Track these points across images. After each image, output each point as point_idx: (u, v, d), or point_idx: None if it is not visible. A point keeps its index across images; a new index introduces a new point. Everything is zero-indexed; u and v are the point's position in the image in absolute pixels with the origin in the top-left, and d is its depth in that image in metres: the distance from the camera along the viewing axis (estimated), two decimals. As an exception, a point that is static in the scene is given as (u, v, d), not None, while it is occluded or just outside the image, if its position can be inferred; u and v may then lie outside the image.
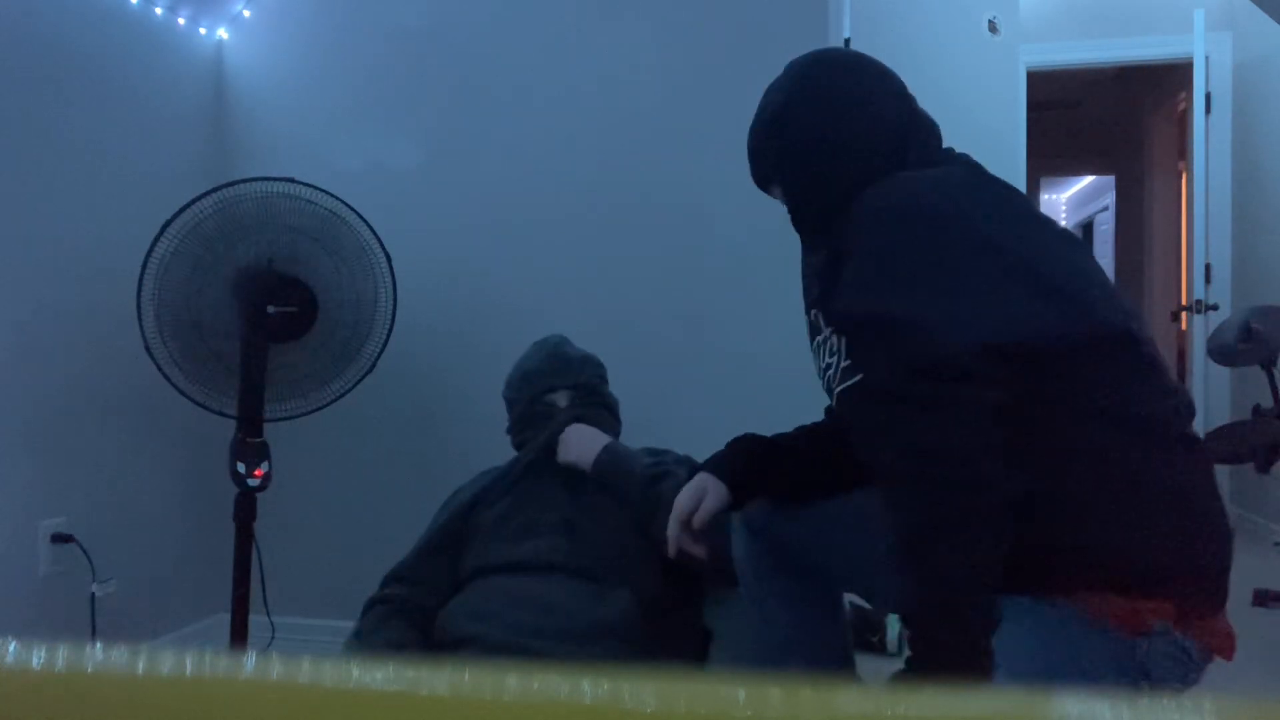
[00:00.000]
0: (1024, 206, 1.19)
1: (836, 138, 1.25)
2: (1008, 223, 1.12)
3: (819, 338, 1.32)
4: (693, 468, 1.45)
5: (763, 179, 1.36)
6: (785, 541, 1.39)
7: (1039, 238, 1.13)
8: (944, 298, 1.05)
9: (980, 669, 0.97)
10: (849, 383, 1.20)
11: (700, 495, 1.36)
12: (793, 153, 1.28)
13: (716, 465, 1.40)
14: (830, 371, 1.27)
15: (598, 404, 1.87)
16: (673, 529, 1.37)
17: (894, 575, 1.02)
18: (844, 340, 1.22)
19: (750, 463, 1.39)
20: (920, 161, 1.24)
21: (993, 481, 0.98)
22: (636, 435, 1.95)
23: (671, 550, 1.38)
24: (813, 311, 1.31)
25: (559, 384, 1.86)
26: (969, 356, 1.00)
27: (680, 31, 2.36)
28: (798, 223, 1.33)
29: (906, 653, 1.04)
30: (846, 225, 1.16)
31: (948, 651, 0.98)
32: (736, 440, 1.44)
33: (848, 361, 1.21)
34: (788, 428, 1.46)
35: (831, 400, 1.29)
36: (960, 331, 1.02)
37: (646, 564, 1.65)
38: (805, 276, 1.39)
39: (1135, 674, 1.06)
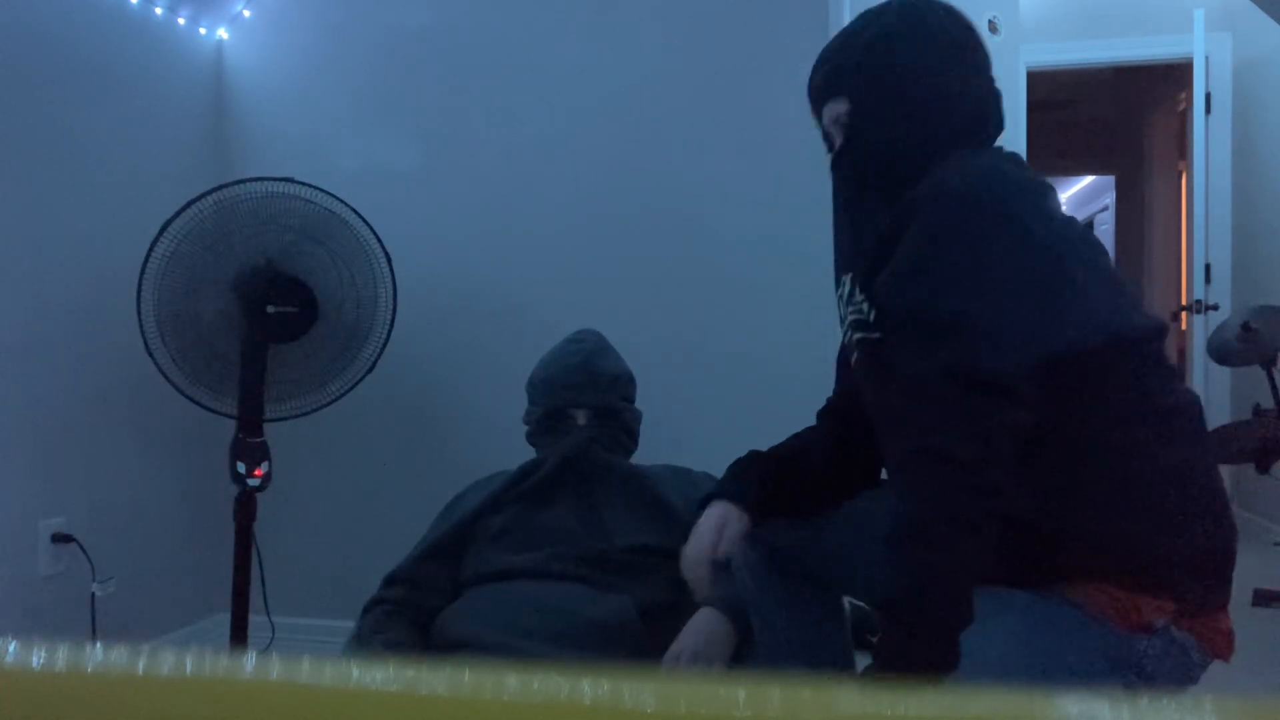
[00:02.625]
0: (1059, 207, 1.20)
1: (942, 81, 1.20)
2: (1059, 227, 1.12)
3: (842, 290, 1.30)
4: (704, 498, 1.37)
5: (831, 86, 1.25)
6: (783, 545, 1.38)
7: (1079, 242, 1.13)
8: (1003, 306, 1.04)
9: (945, 665, 0.99)
10: (864, 335, 1.21)
11: (721, 525, 1.30)
12: (889, 72, 1.20)
13: (733, 491, 1.33)
14: (845, 326, 1.27)
15: (616, 426, 1.86)
16: (698, 568, 1.28)
17: (882, 561, 1.04)
18: (873, 311, 1.19)
19: (764, 483, 1.35)
20: (993, 140, 1.24)
21: (998, 493, 1.00)
22: (640, 439, 1.95)
23: (702, 593, 1.30)
24: (846, 275, 1.26)
25: (581, 401, 1.84)
26: (1014, 376, 1.01)
27: (681, 31, 2.36)
28: (853, 160, 1.25)
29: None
30: (912, 195, 1.12)
31: (917, 644, 1.00)
32: (745, 462, 1.38)
33: (876, 333, 1.20)
34: (795, 429, 1.45)
35: (851, 347, 1.29)
36: (1012, 346, 1.02)
37: (652, 574, 1.65)
38: (837, 216, 1.34)
39: (1132, 672, 1.07)
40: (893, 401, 1.10)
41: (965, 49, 1.24)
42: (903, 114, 1.20)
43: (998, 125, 1.26)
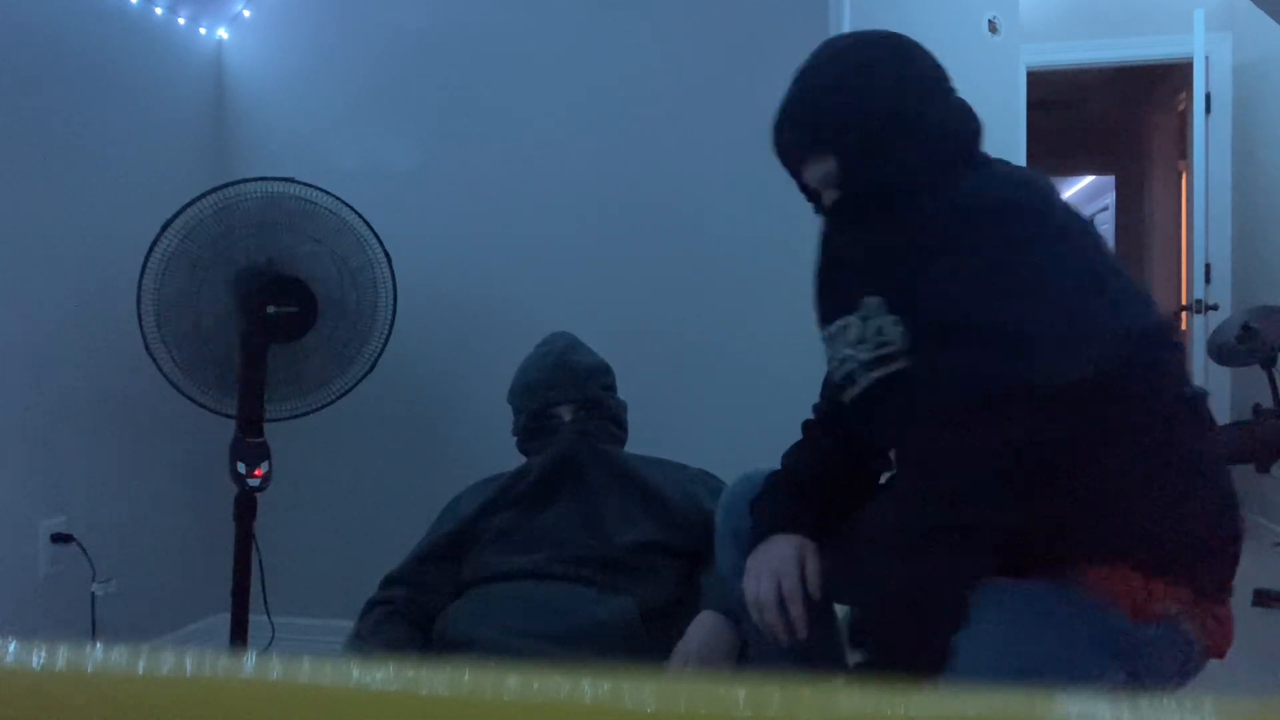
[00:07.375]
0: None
1: (922, 111, 1.19)
2: (1086, 231, 1.12)
3: (839, 323, 1.26)
4: (756, 535, 1.29)
5: (810, 147, 1.24)
6: None
7: (1102, 245, 1.14)
8: (1052, 315, 1.03)
9: (931, 664, 1.00)
10: (884, 371, 1.18)
11: (801, 560, 1.23)
12: (869, 121, 1.19)
13: (793, 522, 1.26)
14: (851, 364, 1.23)
15: (602, 416, 1.86)
16: (794, 607, 1.21)
17: (875, 559, 1.04)
18: (899, 326, 1.16)
19: (811, 508, 1.30)
20: (985, 157, 1.23)
21: (1009, 504, 1.01)
22: (637, 439, 1.95)
23: (803, 630, 1.22)
24: (867, 300, 1.22)
25: (563, 398, 1.84)
26: (1055, 390, 0.99)
27: (681, 31, 2.36)
28: (850, 198, 1.23)
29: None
30: (934, 212, 1.11)
31: (908, 643, 1.02)
32: (778, 491, 1.33)
33: (889, 349, 1.17)
34: (792, 430, 1.44)
35: (843, 389, 1.25)
36: (1059, 360, 1.01)
37: (654, 575, 1.65)
38: (829, 260, 1.33)
39: (1135, 662, 1.06)
40: (924, 407, 1.08)
41: (927, 67, 1.24)
42: (897, 153, 1.19)
43: (981, 127, 1.26)
